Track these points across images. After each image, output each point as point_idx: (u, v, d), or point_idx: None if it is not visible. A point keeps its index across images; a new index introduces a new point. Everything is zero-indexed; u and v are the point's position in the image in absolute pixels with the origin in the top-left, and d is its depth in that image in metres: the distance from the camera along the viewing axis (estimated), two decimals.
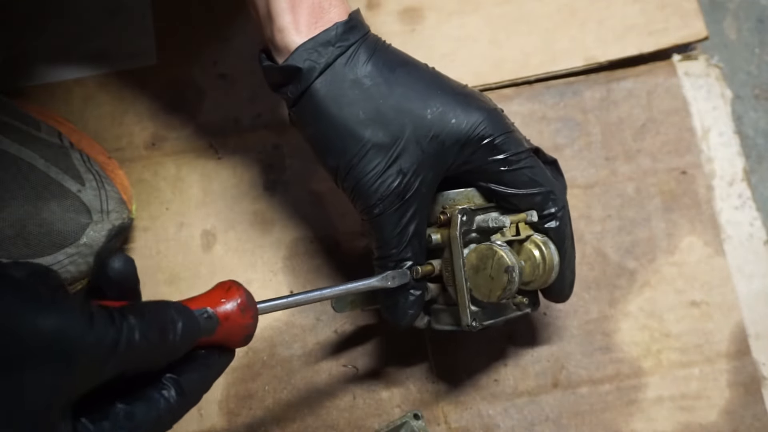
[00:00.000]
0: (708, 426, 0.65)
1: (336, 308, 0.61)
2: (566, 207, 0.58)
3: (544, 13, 0.75)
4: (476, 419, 0.65)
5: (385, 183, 0.54)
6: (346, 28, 0.54)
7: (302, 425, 0.65)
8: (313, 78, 0.54)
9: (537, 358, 0.67)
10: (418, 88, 0.55)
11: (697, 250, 0.69)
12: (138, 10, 0.76)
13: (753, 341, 0.67)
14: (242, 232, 0.70)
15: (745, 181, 0.71)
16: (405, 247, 0.55)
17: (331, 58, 0.54)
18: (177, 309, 0.42)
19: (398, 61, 0.56)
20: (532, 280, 0.57)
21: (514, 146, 0.56)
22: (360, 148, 0.54)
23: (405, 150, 0.54)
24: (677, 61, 0.74)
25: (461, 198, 0.58)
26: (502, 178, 0.56)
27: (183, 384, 0.43)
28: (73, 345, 0.36)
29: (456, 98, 0.55)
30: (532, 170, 0.56)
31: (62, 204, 0.62)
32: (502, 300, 0.55)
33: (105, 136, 0.72)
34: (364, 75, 0.54)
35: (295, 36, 0.54)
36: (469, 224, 0.56)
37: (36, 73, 0.74)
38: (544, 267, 0.56)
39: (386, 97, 0.54)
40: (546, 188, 0.57)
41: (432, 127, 0.54)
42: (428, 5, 0.76)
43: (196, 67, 0.75)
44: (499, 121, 0.56)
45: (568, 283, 0.59)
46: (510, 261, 0.54)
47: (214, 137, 0.73)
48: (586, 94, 0.73)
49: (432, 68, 0.58)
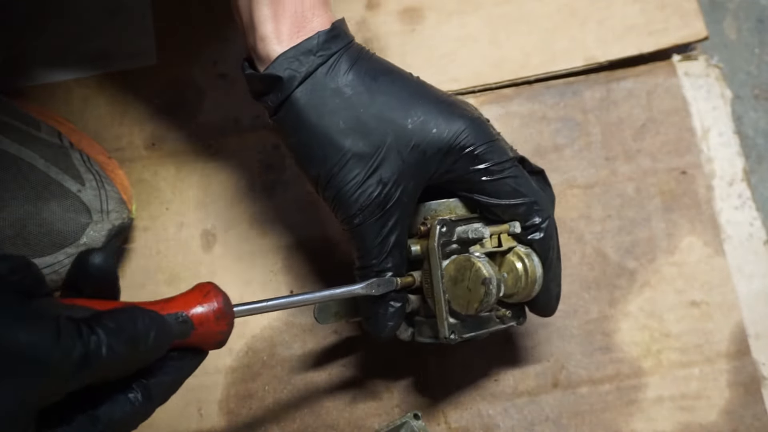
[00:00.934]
0: (708, 426, 0.65)
1: (319, 319, 0.59)
2: (551, 218, 0.57)
3: (544, 13, 0.75)
4: (476, 419, 0.65)
5: (366, 193, 0.54)
6: (328, 37, 0.54)
7: (302, 425, 0.65)
8: (293, 87, 0.54)
9: (537, 358, 0.67)
10: (401, 97, 0.55)
11: (697, 250, 0.69)
12: (138, 10, 0.76)
13: (753, 341, 0.67)
14: (242, 232, 0.70)
15: (744, 181, 0.71)
16: (386, 258, 0.55)
17: (312, 67, 0.54)
18: (150, 319, 0.41)
19: (381, 70, 0.56)
20: (514, 292, 0.55)
21: (497, 155, 0.55)
22: (340, 157, 0.54)
23: (385, 159, 0.54)
24: (677, 61, 0.74)
25: (443, 209, 0.57)
26: (485, 188, 0.55)
27: (152, 388, 0.43)
28: (40, 360, 0.36)
29: (438, 107, 0.55)
30: (515, 180, 0.56)
31: (62, 204, 0.62)
32: (480, 312, 0.54)
33: (105, 136, 0.72)
34: (345, 84, 0.54)
35: (276, 45, 0.54)
36: (449, 235, 0.55)
37: (36, 73, 0.74)
38: (526, 279, 0.55)
39: (367, 106, 0.54)
40: (530, 198, 0.56)
41: (413, 136, 0.54)
42: (428, 5, 0.76)
43: (196, 67, 0.75)
44: (482, 130, 0.55)
45: (553, 297, 0.58)
46: (487, 273, 0.53)
47: (214, 137, 0.73)
48: (586, 94, 0.73)
49: (416, 77, 0.57)
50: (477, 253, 0.54)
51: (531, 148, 0.72)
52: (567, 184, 0.71)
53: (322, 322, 0.60)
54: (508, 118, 0.73)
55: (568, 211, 0.70)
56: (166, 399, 0.44)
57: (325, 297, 0.54)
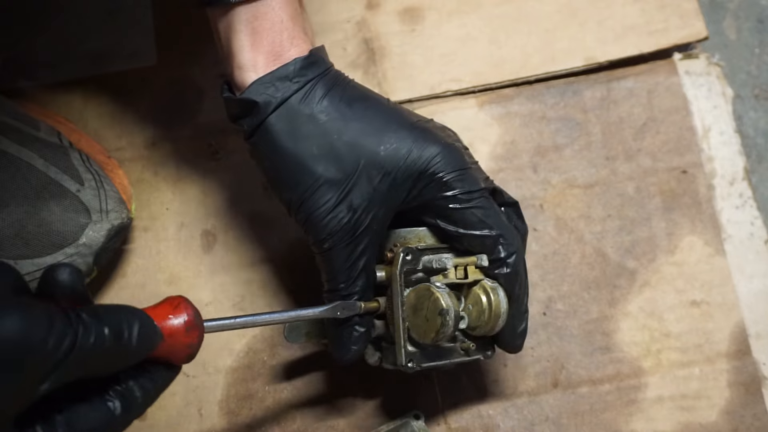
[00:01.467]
0: (708, 426, 0.65)
1: (288, 339, 0.60)
2: (519, 253, 0.56)
3: (544, 13, 0.75)
4: (476, 419, 0.65)
5: (336, 218, 0.54)
6: (305, 64, 0.54)
7: (302, 425, 0.65)
8: (268, 112, 0.54)
9: (537, 358, 0.67)
10: (375, 123, 0.55)
11: (698, 250, 0.69)
12: (138, 10, 0.76)
13: (753, 341, 0.67)
14: (242, 232, 0.70)
15: (745, 181, 0.71)
16: (353, 282, 0.55)
17: (288, 93, 0.54)
18: (132, 313, 0.42)
19: (356, 97, 0.56)
20: (477, 325, 0.55)
21: (467, 184, 0.55)
22: (312, 182, 0.54)
23: (356, 186, 0.54)
24: (678, 60, 0.74)
25: (412, 237, 0.57)
26: (451, 216, 0.55)
27: (128, 397, 0.43)
28: (33, 348, 0.37)
29: (412, 133, 0.55)
30: (483, 211, 0.55)
31: (61, 204, 0.62)
32: (438, 342, 0.54)
33: (105, 135, 0.72)
34: (320, 111, 0.54)
35: (252, 74, 0.54)
36: (414, 263, 0.55)
37: (36, 73, 0.74)
38: (489, 314, 0.54)
39: (341, 132, 0.54)
40: (495, 232, 0.55)
41: (384, 163, 0.54)
42: (428, 5, 0.76)
43: (196, 67, 0.75)
44: (454, 157, 0.55)
45: (518, 333, 0.58)
46: (445, 304, 0.52)
47: (214, 137, 0.73)
48: (586, 93, 0.73)
49: (393, 103, 0.58)
50: (438, 283, 0.54)
51: (531, 148, 0.72)
52: (567, 184, 0.71)
53: (291, 341, 0.60)
54: (509, 118, 0.73)
55: (568, 211, 0.70)
56: (142, 411, 0.44)
57: (291, 317, 0.55)
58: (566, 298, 0.68)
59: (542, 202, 0.70)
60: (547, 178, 0.71)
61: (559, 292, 0.68)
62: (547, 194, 0.71)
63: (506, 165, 0.72)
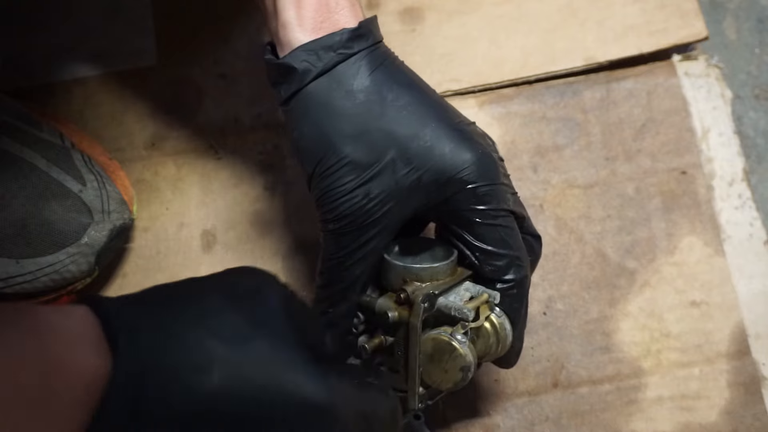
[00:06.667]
0: (708, 426, 0.65)
1: None
2: (528, 278, 0.55)
3: (544, 13, 0.75)
4: (476, 419, 0.65)
5: (348, 203, 0.52)
6: (352, 36, 0.52)
7: None
8: (307, 81, 0.52)
9: (537, 358, 0.67)
10: (414, 115, 0.52)
11: (697, 250, 0.69)
12: (138, 10, 0.76)
13: (753, 341, 0.67)
14: (242, 232, 0.70)
15: (745, 182, 0.71)
16: (345, 270, 0.53)
17: (330, 64, 0.52)
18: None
19: (401, 81, 0.53)
20: (482, 356, 0.54)
21: (496, 201, 0.53)
22: (336, 161, 0.52)
23: (378, 175, 0.52)
24: (677, 61, 0.74)
25: (425, 274, 0.53)
26: (474, 229, 0.53)
27: None
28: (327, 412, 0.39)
29: (451, 134, 0.52)
30: (506, 230, 0.53)
31: (63, 204, 0.62)
32: (452, 390, 0.53)
33: (105, 136, 0.72)
34: (360, 89, 0.52)
35: (298, 32, 0.52)
36: (431, 309, 0.52)
37: (36, 73, 0.74)
38: (497, 347, 0.54)
39: (377, 117, 0.52)
40: (514, 252, 0.54)
41: (413, 159, 0.52)
42: (428, 5, 0.76)
43: (196, 67, 0.75)
44: (490, 169, 0.53)
45: (515, 353, 0.57)
46: (468, 361, 0.51)
47: (214, 137, 0.73)
48: (586, 94, 0.73)
49: (439, 96, 0.55)
50: (459, 335, 0.51)
51: (531, 148, 0.72)
52: (567, 184, 0.71)
53: None
54: (508, 118, 0.73)
55: (568, 211, 0.70)
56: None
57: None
58: (566, 298, 0.68)
59: (542, 202, 0.71)
60: (547, 178, 0.71)
61: (559, 292, 0.68)
62: (547, 194, 0.71)
63: (506, 165, 0.71)
